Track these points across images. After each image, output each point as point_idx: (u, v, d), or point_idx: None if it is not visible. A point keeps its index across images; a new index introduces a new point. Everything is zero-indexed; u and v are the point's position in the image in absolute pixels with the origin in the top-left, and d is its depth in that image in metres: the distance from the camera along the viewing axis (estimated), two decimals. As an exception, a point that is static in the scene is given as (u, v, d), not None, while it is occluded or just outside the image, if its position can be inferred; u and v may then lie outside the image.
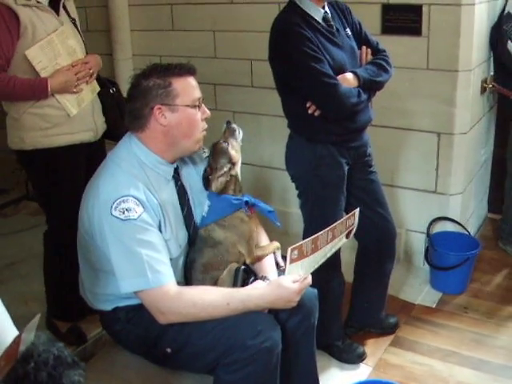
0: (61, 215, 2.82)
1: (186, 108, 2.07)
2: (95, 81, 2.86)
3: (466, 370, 2.87)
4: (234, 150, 2.23)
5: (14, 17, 2.53)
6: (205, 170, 2.26)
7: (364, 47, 2.67)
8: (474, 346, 3.04)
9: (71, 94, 2.71)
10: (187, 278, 2.20)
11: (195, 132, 2.11)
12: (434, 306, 3.42)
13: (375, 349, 3.04)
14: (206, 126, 2.16)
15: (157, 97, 2.04)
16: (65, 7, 2.79)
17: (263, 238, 2.36)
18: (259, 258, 2.27)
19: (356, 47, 2.66)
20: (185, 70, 2.09)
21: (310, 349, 2.27)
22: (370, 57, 2.67)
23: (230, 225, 2.17)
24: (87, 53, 2.86)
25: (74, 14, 2.87)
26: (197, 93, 2.11)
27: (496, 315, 3.30)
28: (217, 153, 2.21)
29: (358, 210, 2.27)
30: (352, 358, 2.96)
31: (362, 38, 2.69)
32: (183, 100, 2.06)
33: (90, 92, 2.82)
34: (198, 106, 2.11)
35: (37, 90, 2.61)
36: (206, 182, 2.25)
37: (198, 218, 2.25)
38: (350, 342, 3.00)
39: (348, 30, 2.65)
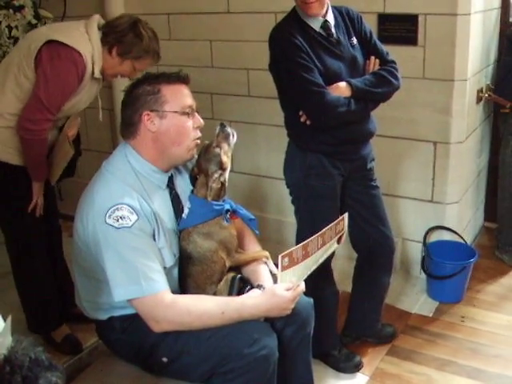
0: (10, 227, 2.88)
1: (174, 114, 2.07)
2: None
3: (463, 379, 2.87)
4: (226, 155, 2.19)
5: (82, 80, 2.60)
6: (192, 169, 2.25)
7: (372, 57, 2.64)
8: (470, 354, 3.04)
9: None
10: (183, 291, 2.19)
11: (185, 139, 2.10)
12: (430, 315, 3.41)
13: (372, 358, 3.04)
14: (200, 134, 2.15)
15: (145, 103, 2.05)
16: None
17: (252, 246, 2.33)
18: (242, 263, 2.26)
19: (359, 57, 2.62)
20: (175, 77, 2.10)
21: (306, 358, 2.26)
22: (377, 67, 2.63)
23: (210, 232, 2.14)
24: None
25: None
26: (188, 100, 2.11)
27: (492, 324, 3.30)
28: (209, 158, 2.17)
29: (346, 214, 2.28)
30: (348, 367, 2.95)
31: (370, 47, 2.65)
32: (172, 106, 2.06)
33: None
34: (189, 114, 2.10)
35: (35, 173, 2.69)
36: (194, 181, 2.23)
37: None
38: (346, 352, 2.99)
39: (354, 40, 2.62)
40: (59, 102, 2.57)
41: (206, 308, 1.98)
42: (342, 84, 2.52)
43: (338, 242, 2.24)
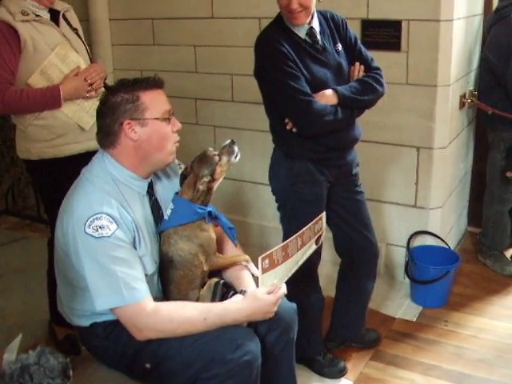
0: None
1: (155, 121, 2.06)
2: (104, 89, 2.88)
3: (447, 384, 2.88)
4: (221, 168, 2.20)
5: (14, 32, 2.60)
6: (185, 168, 2.25)
7: (357, 63, 2.62)
8: (454, 359, 3.05)
9: (81, 106, 2.76)
10: (166, 298, 2.18)
11: (167, 145, 2.10)
12: (414, 319, 3.42)
13: (356, 363, 3.04)
14: (178, 138, 2.15)
15: (125, 112, 2.02)
16: (65, 18, 2.83)
17: (232, 251, 2.33)
18: (220, 267, 2.26)
19: (345, 64, 2.61)
20: (151, 83, 2.08)
21: (290, 363, 2.25)
22: (362, 73, 2.61)
23: (191, 235, 2.14)
24: (91, 60, 2.91)
25: (76, 23, 2.91)
26: (166, 105, 2.10)
27: (476, 328, 3.30)
28: (204, 161, 2.18)
29: (324, 213, 2.29)
30: (333, 372, 2.95)
31: (355, 54, 2.63)
32: (152, 113, 2.05)
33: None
34: (168, 119, 2.10)
35: (49, 99, 2.67)
36: (182, 179, 2.23)
37: None
38: (330, 357, 2.99)
39: (339, 46, 2.60)
40: None
41: (188, 315, 1.97)
42: (329, 92, 2.51)
43: (316, 242, 2.24)
